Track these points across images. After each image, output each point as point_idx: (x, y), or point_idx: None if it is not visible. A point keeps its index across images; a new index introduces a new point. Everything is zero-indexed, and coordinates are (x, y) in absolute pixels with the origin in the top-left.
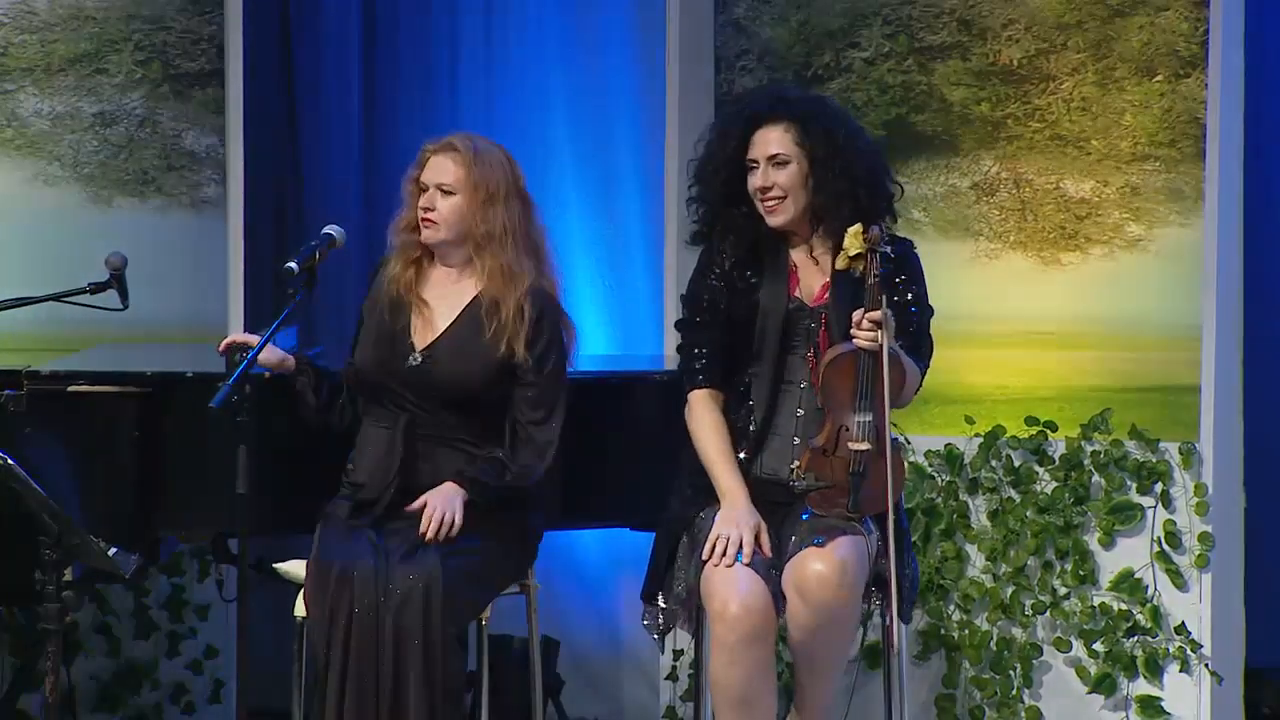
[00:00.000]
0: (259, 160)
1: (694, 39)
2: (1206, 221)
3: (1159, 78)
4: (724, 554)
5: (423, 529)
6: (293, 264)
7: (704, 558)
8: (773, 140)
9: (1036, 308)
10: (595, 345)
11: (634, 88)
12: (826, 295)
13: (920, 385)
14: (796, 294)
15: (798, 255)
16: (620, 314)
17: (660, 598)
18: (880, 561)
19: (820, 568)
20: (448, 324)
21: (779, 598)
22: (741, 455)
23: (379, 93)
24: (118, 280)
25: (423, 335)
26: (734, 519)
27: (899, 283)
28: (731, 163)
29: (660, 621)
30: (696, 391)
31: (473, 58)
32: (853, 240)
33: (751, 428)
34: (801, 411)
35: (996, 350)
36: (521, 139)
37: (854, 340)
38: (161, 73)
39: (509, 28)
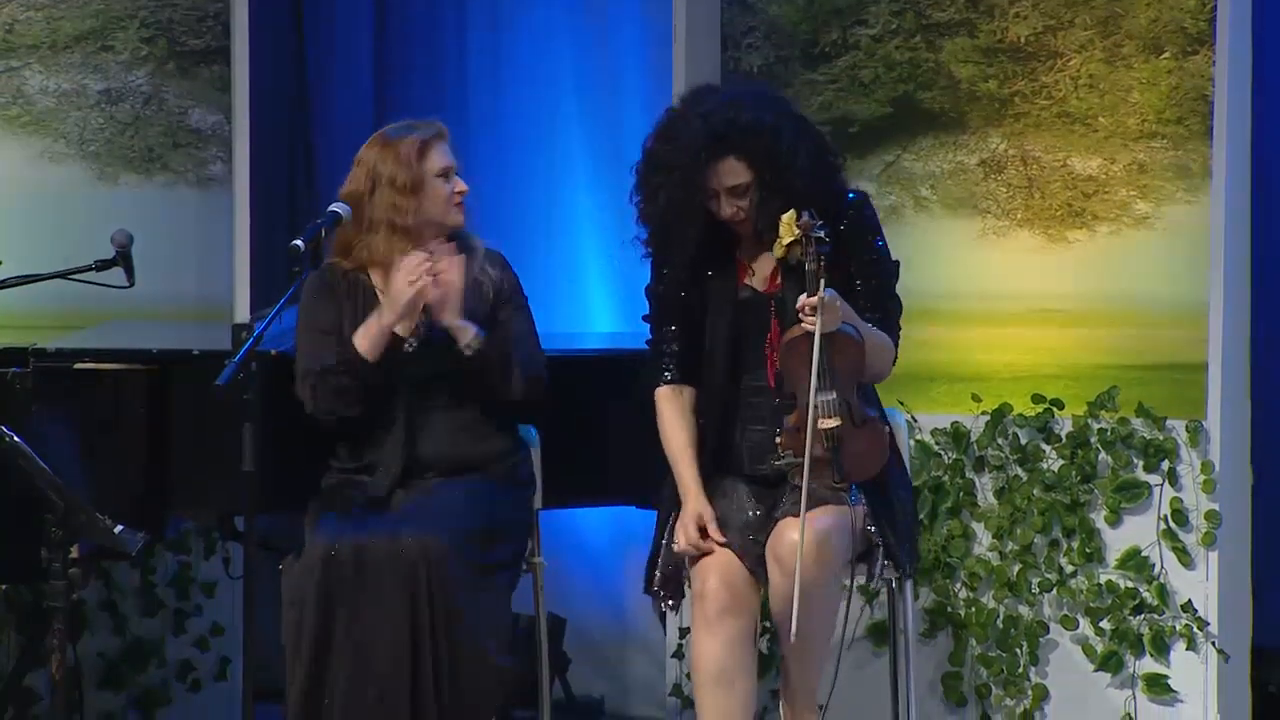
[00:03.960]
0: (265, 138)
1: (701, 16)
2: (1214, 199)
3: (1166, 55)
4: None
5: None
6: (298, 241)
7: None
8: (726, 172)
9: (1043, 285)
10: (602, 322)
11: (641, 65)
12: (779, 280)
13: (895, 351)
14: (747, 282)
15: (746, 245)
16: (626, 291)
17: (657, 584)
18: (869, 530)
19: (798, 537)
20: None
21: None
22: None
23: (390, 68)
24: (124, 258)
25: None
26: (682, 522)
27: (859, 245)
28: (685, 190)
29: (662, 602)
30: (660, 389)
31: (482, 27)
32: (786, 228)
33: (710, 426)
34: (777, 400)
35: (1003, 328)
36: (531, 113)
37: (801, 325)
38: (167, 50)
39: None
